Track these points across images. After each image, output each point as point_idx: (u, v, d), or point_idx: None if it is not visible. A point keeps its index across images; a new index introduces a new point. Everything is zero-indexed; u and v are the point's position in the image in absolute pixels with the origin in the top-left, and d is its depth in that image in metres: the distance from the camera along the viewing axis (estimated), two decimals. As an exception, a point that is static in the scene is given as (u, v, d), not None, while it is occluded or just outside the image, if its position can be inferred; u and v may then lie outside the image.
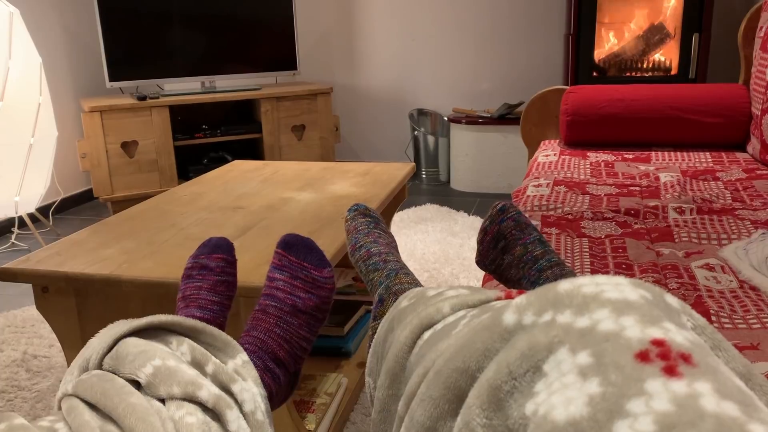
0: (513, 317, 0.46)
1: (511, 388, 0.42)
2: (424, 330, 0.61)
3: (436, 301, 0.63)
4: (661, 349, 0.37)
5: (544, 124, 2.35)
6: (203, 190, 1.71)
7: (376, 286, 0.85)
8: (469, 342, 0.48)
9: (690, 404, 0.34)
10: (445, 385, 0.48)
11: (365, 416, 1.46)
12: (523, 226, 0.89)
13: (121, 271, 1.17)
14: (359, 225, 0.95)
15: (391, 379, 0.61)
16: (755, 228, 1.29)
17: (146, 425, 0.58)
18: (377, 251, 0.89)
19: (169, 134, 3.10)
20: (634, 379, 0.36)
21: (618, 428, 0.34)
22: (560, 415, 0.37)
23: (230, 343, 0.76)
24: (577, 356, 0.39)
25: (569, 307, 0.43)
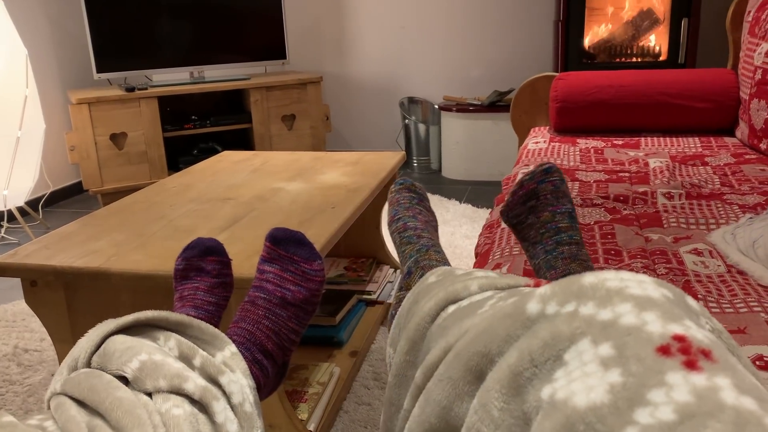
0: (536, 306, 0.47)
1: (531, 375, 0.43)
2: (449, 304, 0.62)
3: (464, 279, 0.64)
4: (682, 344, 0.38)
5: (534, 111, 2.35)
6: (192, 182, 1.70)
7: (406, 259, 0.88)
8: (490, 327, 0.49)
9: (710, 396, 0.34)
10: (465, 368, 0.49)
11: (358, 405, 1.47)
12: (560, 194, 0.88)
13: (110, 264, 1.16)
14: (402, 198, 0.97)
15: (410, 346, 0.62)
16: (743, 212, 1.29)
17: (132, 418, 0.58)
18: (413, 225, 0.91)
19: (158, 125, 3.08)
20: (655, 371, 0.36)
21: (638, 416, 0.34)
22: (581, 401, 0.37)
23: (218, 335, 0.76)
24: (599, 347, 0.40)
25: (592, 299, 0.43)
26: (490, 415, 0.44)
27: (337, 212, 1.40)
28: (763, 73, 1.77)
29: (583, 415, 0.36)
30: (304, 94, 3.33)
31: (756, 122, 1.80)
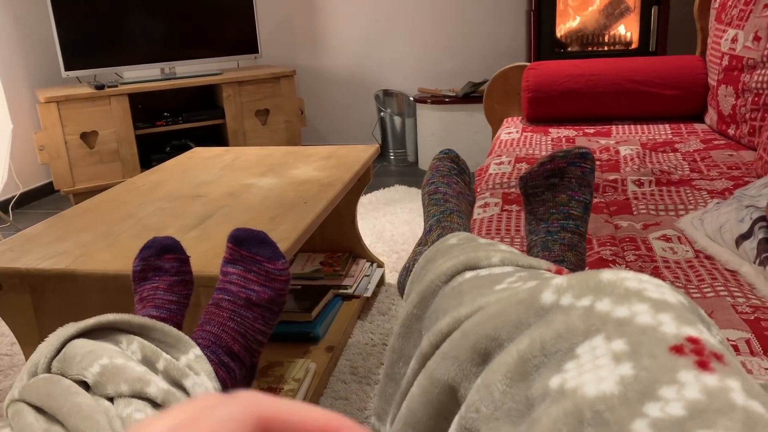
0: (551, 297, 0.46)
1: (540, 364, 0.43)
2: (467, 269, 0.62)
3: (487, 248, 0.64)
4: (696, 346, 0.38)
5: (507, 102, 2.35)
6: (162, 179, 1.68)
7: (429, 218, 0.88)
8: (503, 312, 0.49)
9: (721, 396, 0.34)
10: (473, 349, 0.49)
11: (335, 400, 1.46)
12: (584, 183, 0.88)
13: (77, 265, 1.14)
14: (441, 166, 0.97)
15: (420, 300, 0.63)
16: (711, 198, 1.31)
17: (91, 423, 0.56)
18: (444, 191, 0.91)
19: (129, 123, 3.03)
20: (668, 368, 0.36)
21: (648, 409, 0.35)
22: (590, 391, 0.37)
23: (182, 338, 0.75)
24: (613, 343, 0.40)
25: (610, 296, 0.43)
26: (492, 396, 0.44)
27: (310, 207, 1.39)
28: (729, 59, 1.79)
29: (591, 403, 0.37)
30: (277, 89, 3.31)
31: (724, 108, 1.82)
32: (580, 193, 0.88)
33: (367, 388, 1.51)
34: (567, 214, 0.86)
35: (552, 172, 0.89)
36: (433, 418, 0.52)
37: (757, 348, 0.77)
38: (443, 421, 0.50)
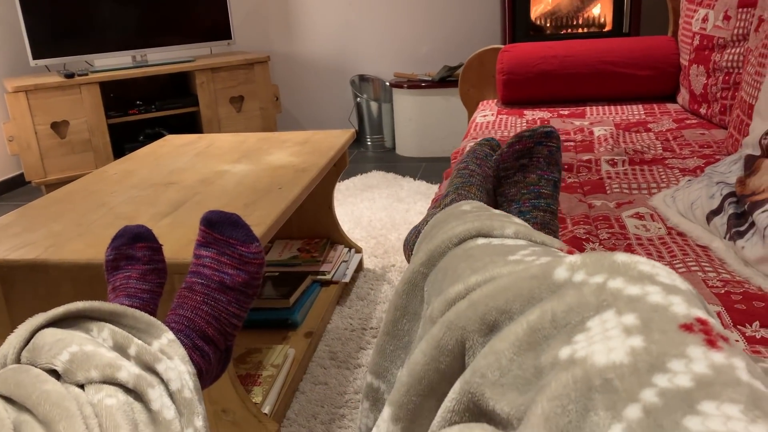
0: (564, 273, 0.47)
1: (549, 335, 0.43)
2: (480, 236, 0.63)
3: (501, 219, 0.65)
4: (704, 326, 0.39)
5: (482, 85, 2.35)
6: (134, 168, 1.66)
7: (449, 187, 0.91)
8: (515, 285, 0.49)
9: (727, 372, 0.35)
10: (482, 321, 0.49)
11: (314, 385, 1.46)
12: (552, 161, 0.90)
13: (47, 255, 1.12)
14: (479, 150, 0.99)
15: (428, 258, 0.64)
16: (684, 176, 1.32)
17: (60, 410, 0.55)
18: (473, 169, 0.93)
19: (101, 112, 2.98)
20: (677, 343, 0.37)
21: (657, 380, 0.36)
22: (600, 360, 0.38)
23: (154, 323, 0.74)
24: (624, 317, 0.41)
25: (623, 275, 0.44)
26: (499, 363, 0.44)
27: (285, 193, 1.38)
28: (701, 38, 1.80)
29: (601, 371, 0.37)
30: (251, 75, 3.27)
31: (696, 87, 1.83)
32: (549, 172, 0.89)
33: (346, 373, 1.51)
34: (538, 193, 0.87)
35: (521, 152, 0.90)
36: (439, 383, 0.52)
37: (727, 320, 0.79)
38: (448, 386, 0.50)
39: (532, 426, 0.39)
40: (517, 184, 0.89)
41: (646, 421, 0.34)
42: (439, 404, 0.51)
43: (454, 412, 0.48)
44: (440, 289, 0.60)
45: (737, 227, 0.94)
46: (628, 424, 0.35)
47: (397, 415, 0.56)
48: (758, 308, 0.80)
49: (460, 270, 0.59)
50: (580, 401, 0.37)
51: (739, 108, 1.42)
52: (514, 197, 0.89)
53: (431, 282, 0.64)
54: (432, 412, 0.54)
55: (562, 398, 0.38)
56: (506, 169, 0.91)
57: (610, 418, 0.36)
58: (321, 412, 1.37)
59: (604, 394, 0.37)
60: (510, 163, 0.90)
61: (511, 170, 0.90)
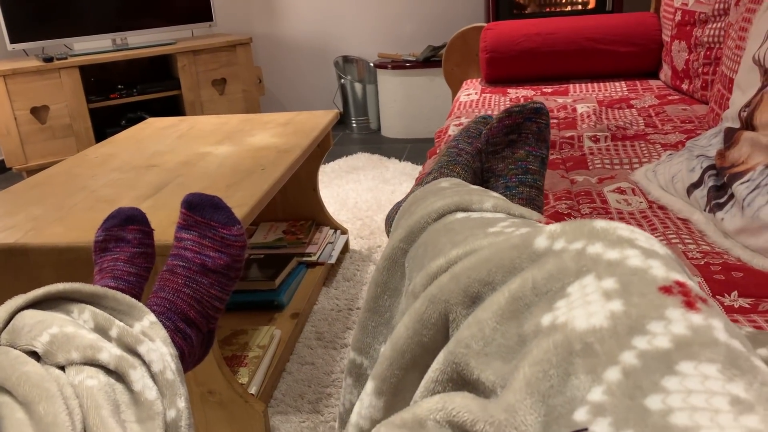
0: (545, 242, 0.47)
1: (531, 302, 0.44)
2: (459, 210, 0.63)
3: (480, 194, 0.65)
4: (683, 288, 0.39)
5: (466, 64, 2.34)
6: (115, 151, 1.64)
7: (435, 164, 0.91)
8: (495, 256, 0.49)
9: (705, 332, 0.36)
10: (464, 293, 0.49)
11: (301, 365, 1.47)
12: (540, 138, 0.90)
13: (27, 239, 1.11)
14: (472, 128, 0.98)
15: (407, 234, 0.64)
16: (665, 151, 1.33)
17: (41, 390, 0.55)
18: (462, 148, 0.92)
19: (81, 96, 2.94)
20: (656, 305, 0.38)
21: (636, 342, 0.36)
22: (581, 325, 0.38)
23: (135, 305, 0.73)
24: (603, 281, 0.41)
25: (602, 240, 0.44)
26: (482, 332, 0.45)
27: (267, 174, 1.37)
28: (682, 14, 1.80)
29: (581, 336, 0.38)
30: (233, 57, 3.24)
31: (678, 63, 1.84)
32: (537, 149, 0.89)
33: (333, 353, 1.51)
34: (525, 169, 0.87)
35: (510, 128, 0.90)
36: (422, 356, 0.53)
37: (707, 291, 0.79)
38: (431, 359, 0.51)
39: (514, 391, 0.39)
40: (505, 159, 0.90)
41: (625, 382, 0.35)
42: (421, 377, 0.52)
43: (437, 383, 0.48)
44: (421, 264, 0.60)
45: (717, 199, 0.95)
46: (608, 386, 0.35)
47: (380, 389, 0.56)
48: (737, 278, 0.81)
49: (440, 244, 0.59)
50: (561, 366, 0.38)
51: (720, 83, 1.42)
52: (501, 172, 0.89)
53: (412, 258, 0.64)
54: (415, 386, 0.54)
55: (543, 363, 0.38)
56: (495, 144, 0.91)
57: (591, 381, 0.36)
58: (308, 392, 1.37)
59: (584, 358, 0.37)
60: (499, 138, 0.91)
61: (500, 145, 0.90)
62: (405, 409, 0.45)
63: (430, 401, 0.43)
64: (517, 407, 0.38)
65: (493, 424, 0.39)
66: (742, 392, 0.33)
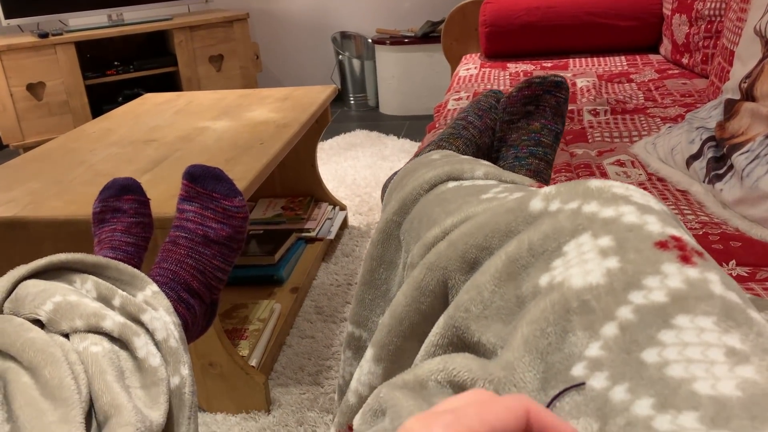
0: (540, 204, 0.47)
1: (527, 264, 0.44)
2: (451, 179, 0.63)
3: (471, 163, 0.65)
4: (679, 243, 0.39)
5: (465, 38, 2.33)
6: (113, 126, 1.63)
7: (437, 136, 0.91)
8: (491, 221, 0.49)
9: (701, 286, 0.36)
10: (462, 259, 0.50)
11: (301, 338, 1.48)
12: (558, 112, 0.89)
13: (26, 212, 1.11)
14: (483, 101, 0.97)
15: (400, 206, 0.64)
16: (665, 124, 1.33)
17: (46, 356, 0.55)
18: (471, 121, 0.92)
19: (78, 73, 2.92)
20: (652, 261, 0.38)
21: (632, 297, 0.36)
22: (577, 283, 0.39)
23: (138, 275, 0.73)
24: (599, 239, 0.41)
25: (597, 199, 0.44)
26: (481, 296, 0.45)
27: (266, 148, 1.37)
28: (683, -13, 1.79)
29: (578, 293, 0.38)
30: (230, 33, 3.21)
31: (678, 37, 1.83)
32: (553, 123, 0.88)
33: (332, 327, 1.52)
34: (538, 141, 0.87)
35: (529, 98, 0.89)
36: (420, 324, 0.53)
37: (704, 260, 0.80)
38: (429, 326, 0.51)
39: (512, 349, 0.39)
40: (519, 129, 0.89)
41: (622, 337, 0.35)
42: (419, 346, 0.52)
43: (438, 346, 0.48)
44: (417, 235, 0.60)
45: (716, 170, 0.95)
46: (605, 341, 0.35)
47: (379, 356, 0.56)
48: (735, 248, 0.81)
49: (435, 214, 0.59)
50: (558, 324, 0.38)
51: (720, 56, 1.42)
52: (513, 142, 0.89)
53: (407, 230, 0.64)
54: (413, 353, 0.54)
55: (540, 322, 0.39)
56: (512, 114, 0.90)
57: (588, 338, 0.36)
58: (308, 365, 1.38)
59: (581, 315, 0.37)
60: (517, 107, 0.90)
61: (516, 115, 0.90)
62: (406, 371, 0.46)
63: (431, 362, 0.44)
64: (515, 365, 0.38)
65: (493, 381, 0.39)
66: (737, 343, 0.34)
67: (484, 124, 0.93)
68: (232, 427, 1.22)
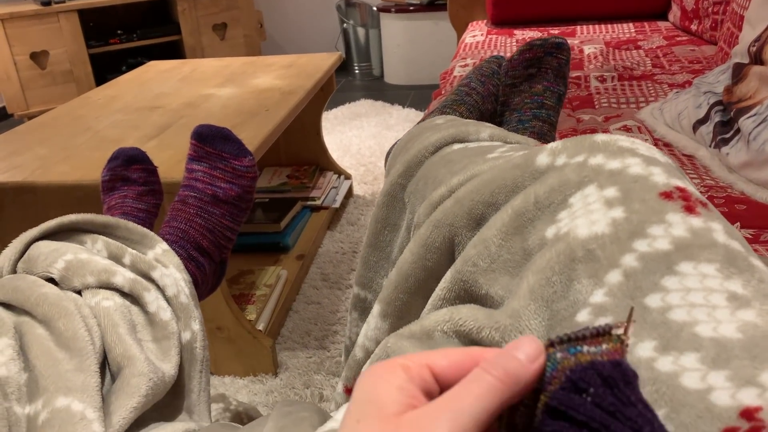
0: (546, 159, 0.47)
1: (534, 217, 0.44)
2: (456, 142, 0.64)
3: (476, 125, 0.65)
4: (683, 193, 0.40)
5: (472, 5, 2.30)
6: (118, 93, 1.63)
7: (441, 102, 0.91)
8: (498, 177, 0.49)
9: (705, 235, 0.37)
10: (469, 216, 0.50)
11: (307, 304, 1.49)
12: (560, 74, 0.89)
13: (34, 177, 1.12)
14: (486, 67, 0.96)
15: (405, 169, 0.64)
16: (672, 90, 1.32)
17: (59, 309, 0.57)
18: (474, 87, 0.92)
19: (81, 41, 2.90)
20: (657, 210, 0.38)
21: (637, 245, 0.37)
22: (583, 233, 0.39)
23: (147, 234, 0.74)
24: (605, 190, 0.41)
25: (603, 152, 0.44)
26: (488, 250, 0.45)
27: (271, 115, 1.36)
28: (694, -48, 1.76)
29: (583, 243, 0.39)
30: (234, 1, 3.17)
31: (687, 3, 1.80)
32: (555, 84, 0.88)
33: (338, 293, 1.54)
34: (541, 104, 0.87)
35: (530, 61, 0.89)
36: (426, 280, 0.54)
37: (709, 223, 0.80)
38: (435, 283, 0.52)
39: (518, 298, 0.40)
40: (522, 93, 0.89)
41: (626, 284, 0.36)
42: (425, 302, 0.53)
43: (444, 300, 0.49)
44: (423, 196, 0.60)
45: (723, 135, 0.95)
46: (609, 288, 0.36)
47: (386, 312, 0.57)
48: (740, 210, 0.82)
49: (440, 175, 0.59)
50: (564, 273, 0.39)
51: (730, 21, 1.40)
52: (516, 106, 0.89)
53: (412, 192, 0.64)
54: (419, 309, 0.55)
55: (546, 271, 0.39)
56: (514, 77, 0.90)
57: (592, 285, 0.37)
58: (314, 330, 1.40)
59: (586, 263, 0.38)
60: (519, 71, 0.90)
61: (519, 78, 0.90)
62: (413, 322, 0.46)
63: (438, 314, 0.45)
64: (521, 313, 0.39)
65: (498, 329, 0.40)
66: (739, 289, 0.34)
67: (487, 90, 0.93)
68: (240, 390, 1.24)
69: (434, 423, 0.25)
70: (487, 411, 0.26)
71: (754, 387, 0.29)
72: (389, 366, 0.28)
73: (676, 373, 0.31)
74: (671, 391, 0.30)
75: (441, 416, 0.25)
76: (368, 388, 0.28)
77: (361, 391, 0.28)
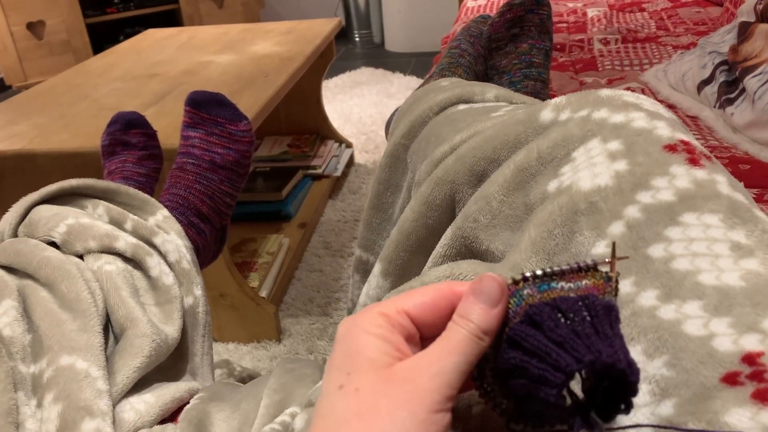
0: (550, 114, 0.47)
1: (536, 172, 0.44)
2: (461, 102, 0.63)
3: (482, 86, 0.65)
4: (688, 146, 0.39)
5: (473, -31, 2.26)
6: (116, 61, 1.61)
7: (437, 66, 0.91)
8: (500, 133, 0.49)
9: (708, 186, 0.36)
10: (470, 172, 0.50)
11: (309, 272, 1.50)
12: (543, 29, 0.88)
13: (33, 145, 1.11)
14: (473, 27, 0.96)
15: (408, 129, 0.64)
16: (677, 52, 1.30)
17: (62, 272, 0.56)
18: (464, 49, 0.91)
19: (77, 11, 2.87)
20: (661, 163, 0.38)
21: (640, 197, 0.37)
22: (585, 185, 0.39)
23: (148, 200, 0.74)
24: (609, 144, 0.41)
25: (607, 106, 0.44)
26: (489, 206, 0.45)
27: (271, 80, 1.35)
28: None
29: (586, 195, 0.38)
30: (232, -32, 3.13)
31: (693, -36, 1.77)
32: (540, 41, 0.87)
33: (340, 261, 1.54)
34: (529, 62, 0.86)
35: (512, 21, 0.88)
36: (427, 238, 0.54)
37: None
38: (436, 240, 0.52)
39: (519, 251, 0.40)
40: (509, 54, 0.88)
41: (628, 235, 0.36)
42: (426, 260, 0.53)
43: (445, 257, 0.49)
44: (425, 154, 0.60)
45: (727, 95, 0.93)
46: (612, 239, 0.36)
47: (387, 270, 0.57)
48: (744, 170, 0.81)
49: (443, 134, 0.59)
50: (566, 225, 0.38)
51: (736, -20, 1.37)
52: (505, 68, 0.88)
53: (414, 151, 0.64)
54: (420, 267, 0.55)
55: (548, 224, 0.39)
56: (497, 40, 0.89)
57: (595, 237, 0.37)
58: (317, 297, 1.41)
59: (588, 216, 0.38)
60: (501, 33, 0.88)
61: (503, 41, 0.88)
62: (414, 279, 0.46)
63: (438, 269, 0.44)
64: (522, 265, 0.39)
65: None
66: (742, 238, 0.34)
67: (476, 50, 0.92)
68: (244, 356, 1.25)
69: (424, 374, 0.26)
70: (468, 362, 0.27)
71: (756, 333, 0.29)
72: (369, 315, 0.28)
73: (678, 320, 0.31)
74: (673, 339, 0.30)
75: (429, 370, 0.26)
76: (353, 340, 0.28)
77: (345, 342, 0.28)
